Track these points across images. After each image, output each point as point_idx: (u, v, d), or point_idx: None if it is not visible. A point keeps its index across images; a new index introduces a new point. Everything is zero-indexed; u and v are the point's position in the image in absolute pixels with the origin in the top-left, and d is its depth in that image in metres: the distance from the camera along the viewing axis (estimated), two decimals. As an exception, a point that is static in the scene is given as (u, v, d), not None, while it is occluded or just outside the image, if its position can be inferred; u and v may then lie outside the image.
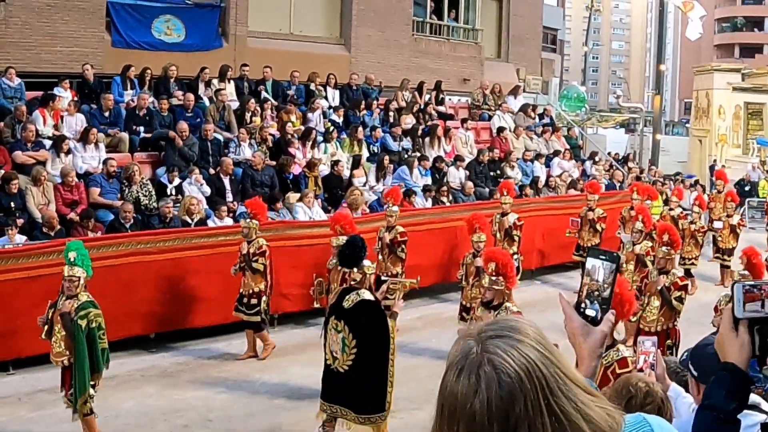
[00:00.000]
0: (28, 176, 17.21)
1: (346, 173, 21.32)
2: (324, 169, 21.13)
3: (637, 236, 17.56)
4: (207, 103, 21.50)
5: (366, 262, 11.94)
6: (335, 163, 21.15)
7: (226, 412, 12.85)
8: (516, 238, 19.51)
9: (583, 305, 2.87)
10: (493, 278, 11.48)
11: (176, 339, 16.16)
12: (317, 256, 16.48)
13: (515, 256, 18.42)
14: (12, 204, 16.59)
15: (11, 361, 14.96)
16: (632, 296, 9.95)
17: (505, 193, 19.93)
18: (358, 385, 10.85)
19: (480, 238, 16.22)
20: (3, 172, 17.11)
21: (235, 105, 21.93)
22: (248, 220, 15.67)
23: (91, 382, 11.23)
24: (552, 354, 2.24)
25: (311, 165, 20.54)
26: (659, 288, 13.85)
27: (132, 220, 16.65)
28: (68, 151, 18.08)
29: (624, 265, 16.80)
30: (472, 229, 16.60)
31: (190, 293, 16.17)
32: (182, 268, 16.09)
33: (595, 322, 2.81)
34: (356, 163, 21.78)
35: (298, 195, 19.51)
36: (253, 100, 21.89)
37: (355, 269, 11.84)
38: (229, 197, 18.97)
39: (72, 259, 11.37)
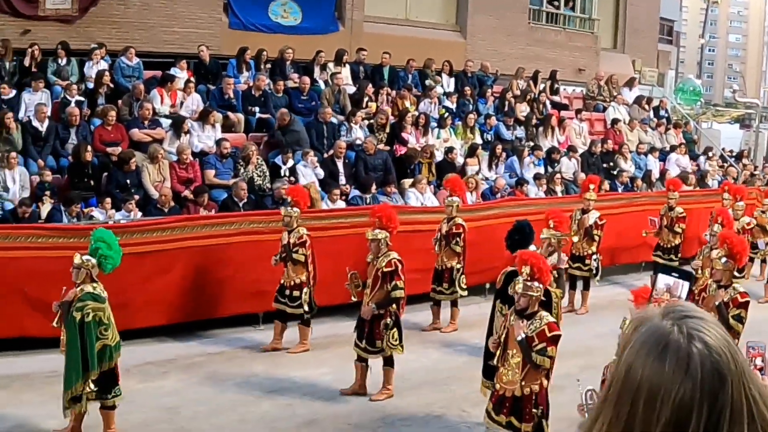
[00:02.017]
0: (144, 153, 17.48)
1: (459, 160, 21.20)
2: (437, 156, 21.02)
3: (714, 241, 15.26)
4: (322, 86, 21.55)
5: (532, 247, 12.04)
6: (449, 150, 21.02)
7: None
8: (596, 238, 18.22)
9: None
10: (528, 283, 10.28)
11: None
12: (428, 241, 16.38)
13: (594, 256, 18.07)
14: (128, 181, 16.85)
15: (121, 333, 15.18)
16: None
17: (591, 188, 18.61)
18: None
19: (549, 234, 15.09)
20: (120, 149, 17.38)
21: (351, 89, 21.96)
22: (289, 208, 14.92)
23: (91, 379, 10.74)
24: None
25: (426, 152, 20.44)
26: (717, 303, 12.11)
27: (245, 199, 16.77)
28: (187, 131, 18.28)
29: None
30: (546, 225, 15.39)
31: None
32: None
33: None
34: (472, 151, 21.64)
35: (411, 180, 19.49)
36: (369, 85, 21.87)
37: None
38: (342, 180, 18.98)
39: (89, 248, 11.05)
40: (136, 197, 16.47)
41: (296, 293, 14.68)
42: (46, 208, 15.95)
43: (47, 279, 14.14)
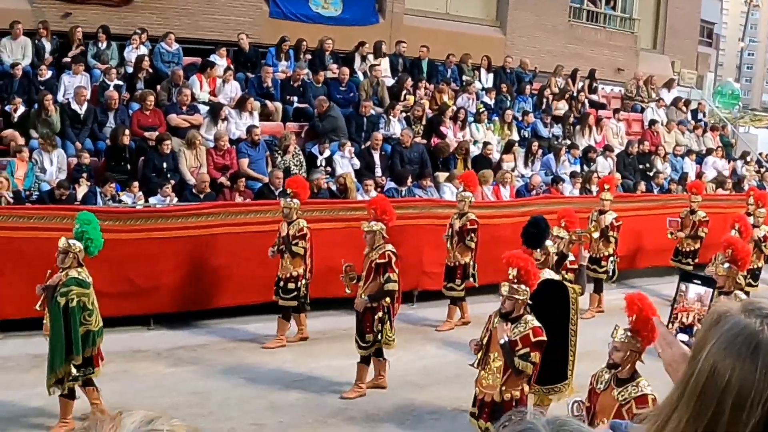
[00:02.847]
0: (181, 139, 17.54)
1: (495, 156, 21.14)
2: (474, 151, 20.97)
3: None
4: (361, 77, 21.54)
5: (548, 243, 11.94)
6: (485, 145, 20.96)
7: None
8: (612, 240, 17.86)
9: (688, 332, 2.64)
10: (514, 286, 9.88)
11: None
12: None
13: (611, 258, 17.78)
14: (164, 165, 16.93)
15: (152, 316, 15.31)
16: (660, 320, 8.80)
17: (606, 189, 18.13)
18: (542, 360, 10.77)
19: (559, 233, 14.25)
20: (157, 133, 17.45)
21: (389, 81, 21.95)
22: (289, 199, 14.53)
23: (74, 363, 10.64)
24: None
25: (461, 147, 20.41)
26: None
27: (281, 188, 16.80)
28: (225, 118, 18.33)
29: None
30: (557, 224, 14.55)
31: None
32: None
33: None
34: (508, 147, 21.57)
35: (446, 174, 19.47)
36: (408, 78, 21.87)
37: (538, 250, 11.83)
38: (378, 172, 19.00)
39: (73, 231, 10.96)
40: (172, 182, 16.55)
41: (291, 285, 14.43)
42: (82, 190, 16.04)
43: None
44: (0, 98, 17.63)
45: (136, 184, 16.29)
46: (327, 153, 18.67)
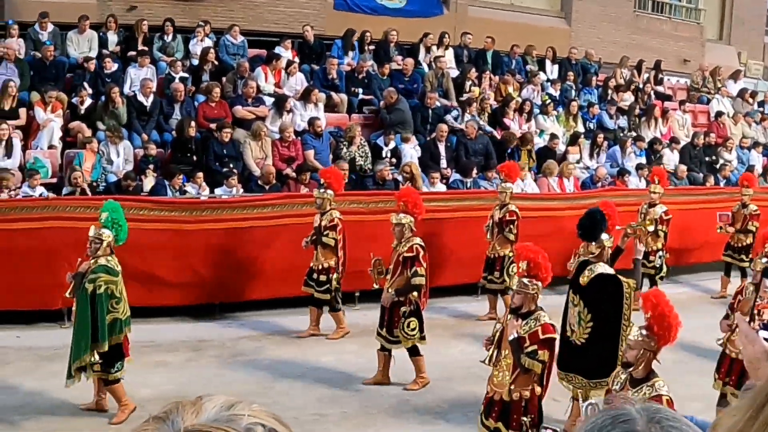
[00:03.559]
0: (246, 131, 17.60)
1: (561, 148, 21.00)
2: (539, 142, 20.85)
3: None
4: (426, 69, 21.46)
5: (604, 236, 11.67)
6: (551, 137, 20.82)
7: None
8: (661, 234, 17.26)
9: None
10: (524, 280, 9.53)
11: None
12: (525, 228, 16.20)
13: (659, 253, 17.27)
14: (224, 151, 17.01)
15: (218, 305, 15.40)
16: (677, 319, 8.29)
17: (656, 181, 17.54)
18: (591, 353, 10.63)
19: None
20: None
21: (454, 73, 21.86)
22: (322, 190, 14.41)
23: (98, 350, 10.66)
24: None
25: (526, 138, 20.27)
26: (752, 307, 11.17)
27: (346, 180, 16.80)
28: (289, 110, 18.36)
29: None
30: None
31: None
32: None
33: None
34: (574, 139, 21.40)
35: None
36: (473, 69, 21.75)
37: (593, 243, 11.63)
38: (443, 164, 18.91)
39: (103, 220, 10.96)
40: (236, 171, 16.61)
41: (323, 277, 14.31)
42: (149, 182, 16.18)
43: (148, 250, 14.41)
44: (67, 91, 17.78)
45: (200, 174, 16.34)
46: (392, 144, 18.66)
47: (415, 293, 12.41)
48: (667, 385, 8.05)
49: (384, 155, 18.54)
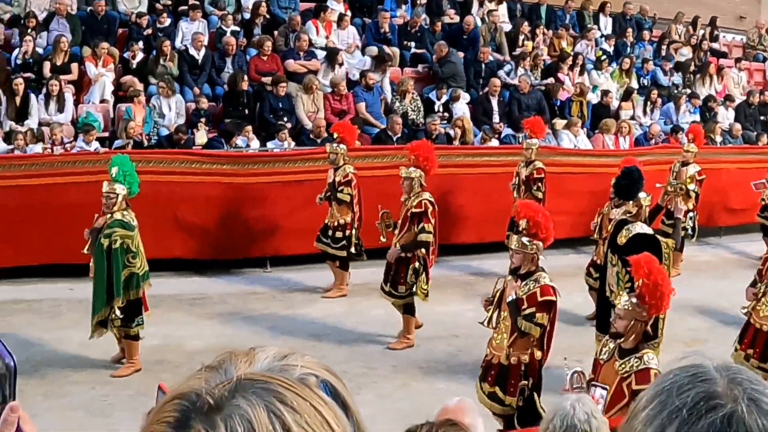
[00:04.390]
0: (298, 84, 17.54)
1: (614, 104, 20.76)
2: (592, 98, 20.61)
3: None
4: (479, 23, 21.25)
5: (642, 194, 11.46)
6: (604, 92, 20.59)
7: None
8: (693, 194, 16.28)
9: None
10: (524, 239, 9.16)
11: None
12: (579, 183, 16.07)
13: (690, 215, 16.39)
14: (280, 105, 16.98)
15: (270, 258, 15.38)
16: (669, 286, 8.04)
17: (691, 139, 17.09)
18: None
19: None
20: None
21: (507, 27, 21.65)
22: (335, 144, 14.02)
23: (116, 305, 10.69)
24: None
25: (580, 92, 20.07)
26: None
27: (399, 134, 16.69)
28: (341, 63, 18.26)
29: None
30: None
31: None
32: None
33: None
34: (627, 95, 21.16)
35: (564, 122, 19.14)
36: (526, 23, 21.56)
37: (631, 201, 11.44)
38: (496, 119, 18.77)
39: (114, 175, 10.82)
40: (288, 125, 16.60)
41: (339, 234, 13.94)
42: (200, 135, 16.16)
43: (198, 203, 14.47)
44: (119, 46, 17.82)
45: (249, 128, 16.32)
46: (444, 98, 18.53)
47: (422, 250, 12.19)
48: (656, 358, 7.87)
49: (436, 109, 18.41)
